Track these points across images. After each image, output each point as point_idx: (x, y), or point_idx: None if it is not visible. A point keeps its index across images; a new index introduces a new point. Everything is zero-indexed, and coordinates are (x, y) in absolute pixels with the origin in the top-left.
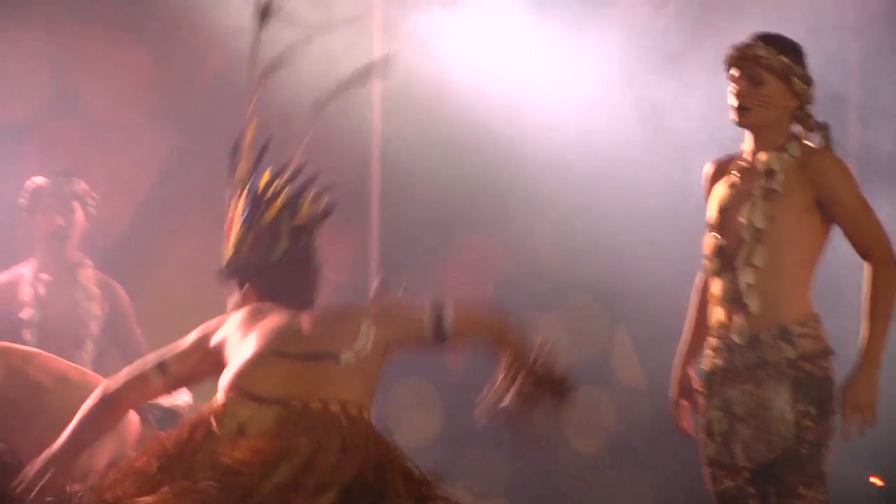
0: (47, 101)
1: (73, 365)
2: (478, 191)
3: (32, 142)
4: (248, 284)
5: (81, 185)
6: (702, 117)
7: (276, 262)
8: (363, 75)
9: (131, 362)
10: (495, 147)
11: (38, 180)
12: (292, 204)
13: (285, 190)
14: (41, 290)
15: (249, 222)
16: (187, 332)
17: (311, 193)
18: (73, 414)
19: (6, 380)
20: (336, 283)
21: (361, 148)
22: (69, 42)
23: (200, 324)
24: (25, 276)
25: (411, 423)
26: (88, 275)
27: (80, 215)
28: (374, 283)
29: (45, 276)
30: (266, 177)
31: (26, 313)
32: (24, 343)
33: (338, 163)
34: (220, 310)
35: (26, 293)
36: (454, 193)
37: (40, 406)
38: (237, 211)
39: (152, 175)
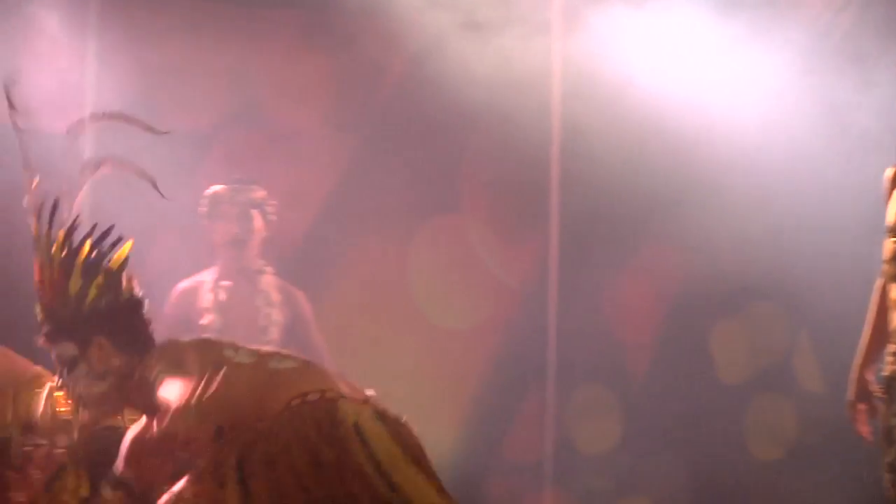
0: (228, 110)
1: None
2: (658, 193)
3: (214, 151)
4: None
5: (259, 193)
6: (885, 118)
7: (95, 313)
8: None
9: None
10: (675, 148)
11: (217, 188)
12: (92, 260)
13: (81, 249)
14: (222, 296)
15: (58, 287)
16: (366, 338)
17: (106, 243)
18: None
19: None
20: (515, 290)
21: (540, 152)
22: (249, 51)
23: (379, 330)
24: (206, 282)
25: (592, 430)
26: (269, 281)
27: (258, 223)
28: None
29: (225, 282)
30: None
31: (207, 319)
32: None
33: (516, 167)
34: (397, 315)
35: (207, 299)
36: (634, 197)
37: None
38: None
39: (332, 183)
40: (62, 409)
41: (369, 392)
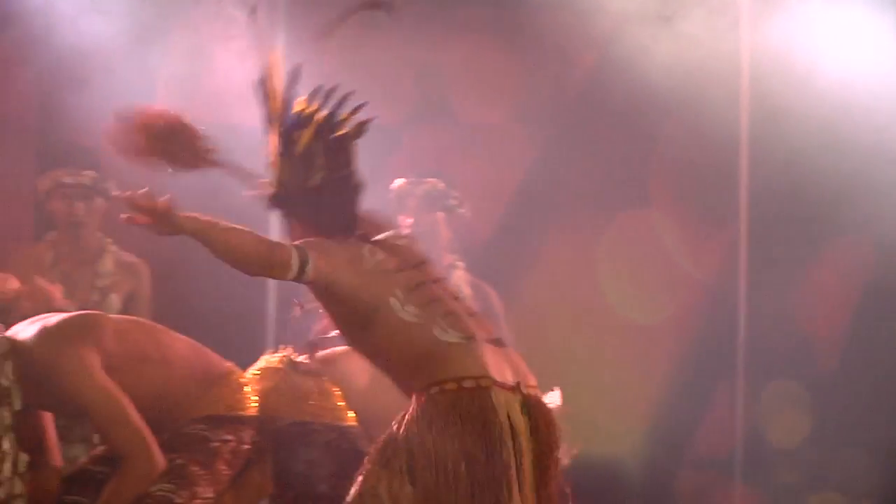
0: (416, 104)
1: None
2: (848, 183)
3: (403, 146)
4: (292, 217)
5: (439, 186)
6: None
7: (315, 186)
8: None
9: None
10: (865, 135)
11: (400, 182)
12: (326, 124)
13: (318, 112)
14: None
15: (286, 152)
16: (554, 332)
17: (345, 110)
18: None
19: (372, 385)
20: (705, 283)
21: (729, 142)
22: (437, 46)
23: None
24: None
25: (782, 424)
26: (461, 276)
27: (440, 216)
28: None
29: None
30: (299, 105)
31: None
32: None
33: (705, 158)
34: (585, 310)
35: None
36: (823, 186)
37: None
38: (273, 146)
39: (521, 177)
40: (250, 405)
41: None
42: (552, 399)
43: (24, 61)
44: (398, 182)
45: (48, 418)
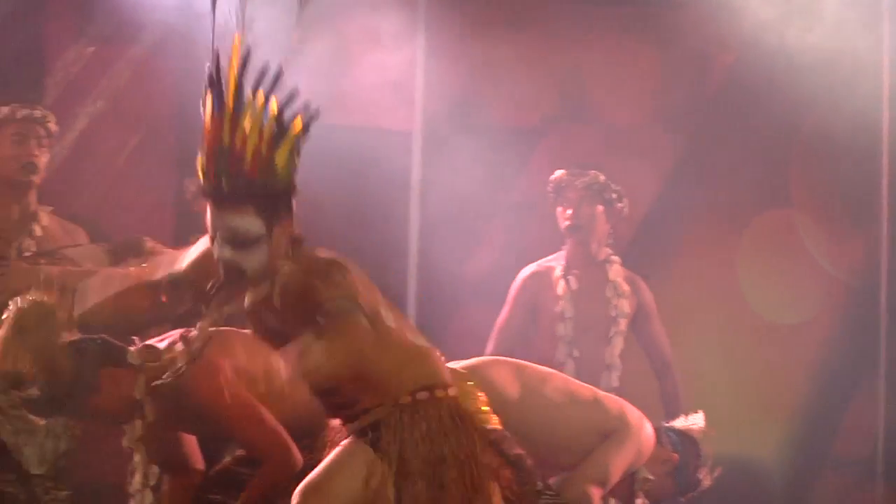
0: (558, 104)
1: (587, 386)
2: None
3: (543, 145)
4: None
5: (600, 179)
6: None
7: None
8: None
9: (654, 362)
10: None
11: (559, 173)
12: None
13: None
14: (573, 284)
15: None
16: (696, 331)
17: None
18: (584, 433)
19: (521, 396)
20: (846, 283)
21: (870, 143)
22: (579, 46)
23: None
24: (555, 268)
25: None
26: (617, 271)
27: (598, 209)
28: None
29: (575, 270)
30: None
31: (559, 306)
32: (557, 337)
33: (845, 158)
34: (727, 309)
35: (559, 286)
36: None
37: (551, 423)
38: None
39: (661, 177)
40: None
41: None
42: (696, 421)
43: (164, 66)
44: (558, 173)
45: None
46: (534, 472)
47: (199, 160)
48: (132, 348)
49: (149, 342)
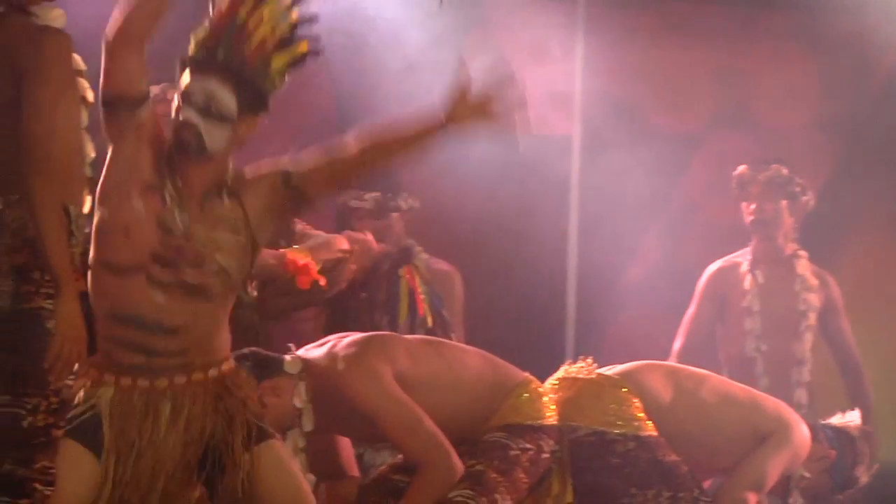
0: (717, 109)
1: (744, 387)
2: None
3: (703, 150)
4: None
5: (783, 172)
6: None
7: None
8: None
9: (840, 357)
10: None
11: (742, 168)
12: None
13: None
14: (760, 279)
15: None
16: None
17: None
18: (740, 435)
19: (675, 400)
20: None
21: None
22: (738, 52)
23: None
24: (743, 264)
25: None
26: (804, 265)
27: (782, 204)
28: None
29: (762, 265)
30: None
31: (747, 301)
32: (745, 331)
33: None
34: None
35: (746, 281)
36: None
37: (707, 427)
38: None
39: (818, 183)
40: (549, 414)
41: None
42: (852, 418)
43: (325, 68)
44: (740, 168)
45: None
46: (689, 478)
47: (201, 30)
48: (288, 357)
49: (304, 349)
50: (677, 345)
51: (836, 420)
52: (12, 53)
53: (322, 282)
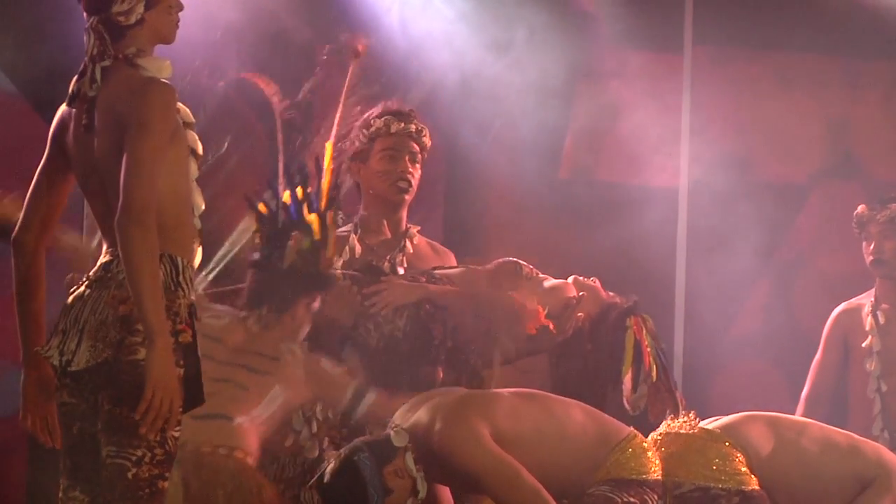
0: (824, 160)
1: (844, 432)
2: None
3: (812, 200)
4: None
5: None
6: None
7: None
8: None
9: None
10: None
11: (860, 208)
12: None
13: None
14: (881, 319)
15: None
16: None
17: None
18: (842, 482)
19: (777, 451)
20: None
21: None
22: (846, 102)
23: None
24: (866, 305)
25: None
26: None
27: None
28: None
29: (884, 305)
30: None
31: (867, 342)
32: (866, 372)
33: None
34: None
35: (868, 322)
36: None
37: (809, 475)
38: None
39: None
40: (654, 469)
41: None
42: None
43: (430, 124)
44: (859, 208)
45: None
46: None
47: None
48: (391, 431)
49: (403, 409)
50: (805, 390)
51: None
52: (118, 105)
53: (550, 327)
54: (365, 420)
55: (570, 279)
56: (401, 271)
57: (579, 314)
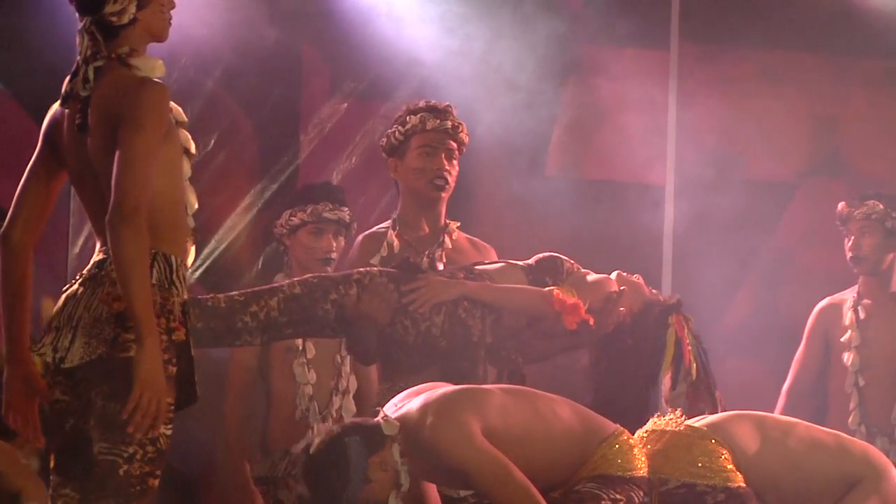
0: (812, 158)
1: (832, 432)
2: None
3: (799, 197)
4: None
5: (878, 207)
6: None
7: None
8: None
9: None
10: None
11: (841, 205)
12: None
13: None
14: (861, 314)
15: None
16: None
17: None
18: (830, 482)
19: (763, 450)
20: None
21: None
22: (833, 100)
23: None
24: (848, 300)
25: None
26: None
27: (876, 238)
28: None
29: (866, 300)
30: None
31: (847, 336)
32: (842, 366)
33: None
34: None
35: (848, 317)
36: None
37: (796, 475)
38: None
39: None
40: (640, 466)
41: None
42: None
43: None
44: (840, 205)
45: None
46: None
47: None
48: (380, 419)
49: (394, 402)
50: (786, 384)
51: None
52: (111, 105)
53: (591, 322)
54: None
55: (613, 274)
56: (440, 267)
57: (620, 309)
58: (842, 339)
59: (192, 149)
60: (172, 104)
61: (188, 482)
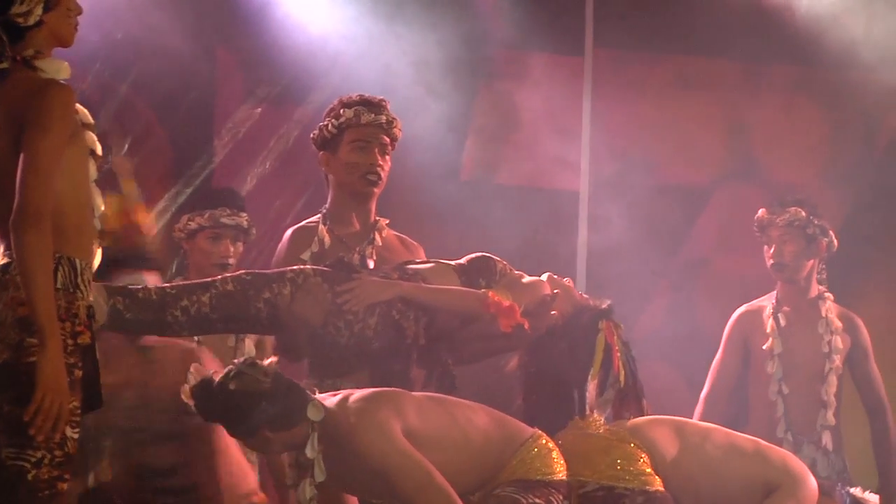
0: (725, 164)
1: (751, 438)
2: None
3: (711, 204)
4: None
5: (801, 214)
6: None
7: None
8: None
9: (868, 401)
10: None
11: (761, 212)
12: None
13: None
14: (782, 321)
15: None
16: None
17: None
18: (747, 488)
19: (682, 455)
20: None
21: None
22: (746, 105)
23: None
24: (767, 308)
25: None
26: (830, 307)
27: (798, 246)
28: None
29: (786, 308)
30: None
31: (768, 344)
32: (763, 373)
33: None
34: None
35: (769, 325)
36: None
37: (714, 480)
38: None
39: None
40: (559, 469)
41: None
42: (872, 499)
43: None
44: (760, 211)
45: None
46: None
47: None
48: (309, 403)
49: (323, 395)
50: (704, 391)
51: (856, 492)
52: (16, 107)
53: (525, 325)
54: None
55: (545, 276)
56: (371, 264)
57: (553, 312)
58: (763, 347)
59: (99, 151)
60: (78, 106)
61: None
